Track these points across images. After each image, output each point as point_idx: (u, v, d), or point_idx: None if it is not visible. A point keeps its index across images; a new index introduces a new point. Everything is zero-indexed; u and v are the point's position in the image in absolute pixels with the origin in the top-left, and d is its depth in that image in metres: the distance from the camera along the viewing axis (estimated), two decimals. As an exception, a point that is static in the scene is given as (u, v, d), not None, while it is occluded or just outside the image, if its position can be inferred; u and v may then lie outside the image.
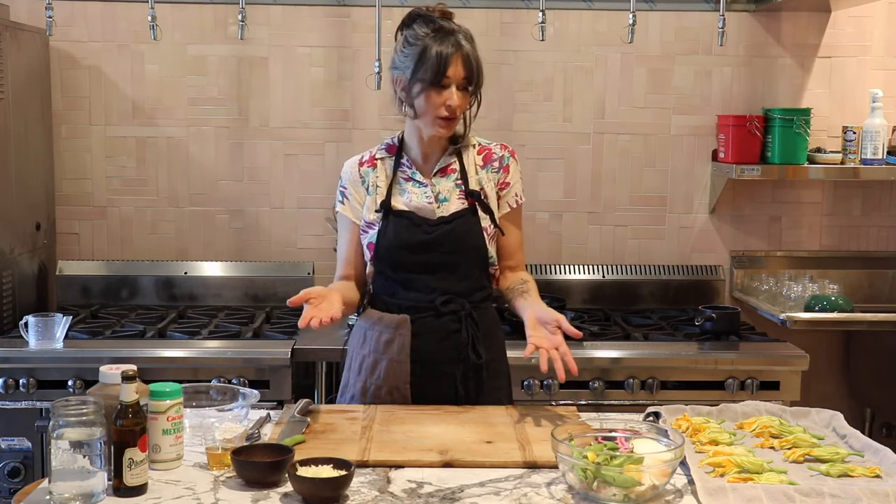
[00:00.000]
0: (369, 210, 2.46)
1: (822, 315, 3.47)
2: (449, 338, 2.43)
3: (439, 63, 2.30)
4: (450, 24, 2.37)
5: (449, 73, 2.31)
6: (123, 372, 1.85)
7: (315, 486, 1.78)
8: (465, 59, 2.33)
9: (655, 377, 3.13)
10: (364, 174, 2.49)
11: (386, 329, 2.42)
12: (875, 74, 3.87)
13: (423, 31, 2.35)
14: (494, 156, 2.50)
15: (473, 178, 2.47)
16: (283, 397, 3.03)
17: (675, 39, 3.83)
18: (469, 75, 2.35)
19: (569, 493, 1.84)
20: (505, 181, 2.49)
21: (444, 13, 2.40)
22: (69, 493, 1.76)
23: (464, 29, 2.38)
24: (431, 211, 2.43)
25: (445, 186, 2.46)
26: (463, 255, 2.44)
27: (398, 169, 2.47)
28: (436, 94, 2.33)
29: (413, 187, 2.45)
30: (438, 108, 2.34)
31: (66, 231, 3.83)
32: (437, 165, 2.47)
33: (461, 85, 2.34)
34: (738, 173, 3.62)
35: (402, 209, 2.43)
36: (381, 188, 2.46)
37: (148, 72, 3.78)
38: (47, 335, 3.08)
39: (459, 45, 2.33)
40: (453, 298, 2.42)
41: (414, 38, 2.35)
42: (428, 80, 2.32)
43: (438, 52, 2.31)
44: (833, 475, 1.92)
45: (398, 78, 2.39)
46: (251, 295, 3.78)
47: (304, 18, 3.78)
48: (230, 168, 3.83)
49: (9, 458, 3.08)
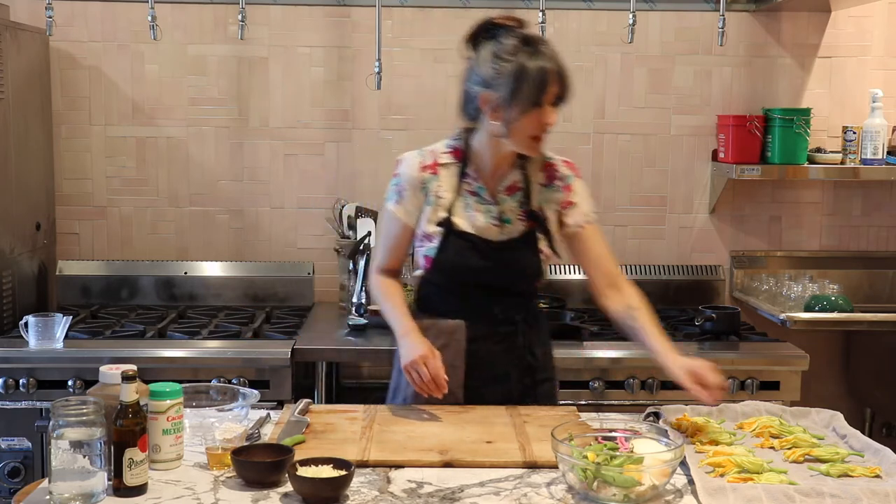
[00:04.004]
0: (429, 222, 2.39)
1: (822, 315, 3.47)
2: (504, 342, 2.44)
3: (541, 82, 2.22)
4: (536, 36, 2.27)
5: (549, 92, 2.24)
6: (123, 372, 1.86)
7: (315, 486, 1.78)
8: (560, 74, 2.25)
9: (655, 377, 3.13)
10: (426, 181, 2.40)
11: (440, 335, 2.40)
12: (875, 74, 3.87)
13: (511, 42, 2.25)
14: (558, 174, 2.43)
15: (535, 197, 2.42)
16: (283, 397, 3.03)
17: (675, 39, 3.83)
18: (563, 91, 2.27)
19: (569, 493, 1.84)
20: (568, 200, 2.43)
21: (519, 23, 2.31)
22: (69, 493, 1.76)
23: (544, 38, 2.29)
24: (495, 233, 2.38)
25: (509, 206, 2.40)
26: (519, 278, 2.44)
27: (462, 181, 2.39)
28: (535, 115, 2.25)
29: (478, 204, 2.39)
30: (536, 129, 2.27)
31: (66, 231, 3.83)
32: (504, 182, 2.40)
33: (554, 101, 2.27)
34: (738, 173, 3.62)
35: (464, 230, 2.37)
36: (443, 200, 2.38)
37: (148, 72, 3.78)
38: (47, 335, 3.07)
39: (554, 59, 2.25)
40: (508, 307, 2.43)
41: (507, 54, 2.24)
42: (530, 102, 2.23)
43: (539, 71, 2.22)
44: (833, 475, 1.92)
45: (488, 96, 2.27)
46: (251, 295, 3.78)
47: (304, 18, 3.78)
48: (230, 168, 3.83)
49: (9, 458, 3.08)
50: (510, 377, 2.44)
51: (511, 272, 2.41)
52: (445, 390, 2.29)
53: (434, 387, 2.27)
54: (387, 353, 3.22)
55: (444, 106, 3.81)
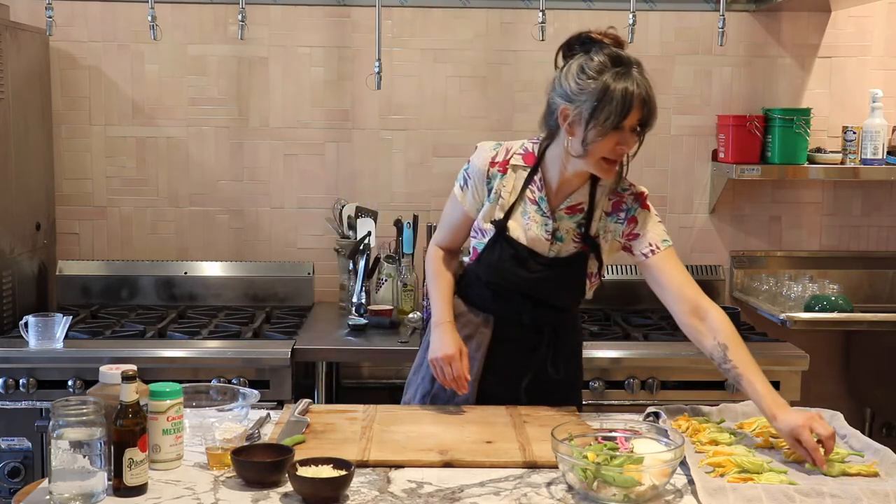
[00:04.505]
0: (485, 217, 2.38)
1: (822, 315, 3.47)
2: (526, 350, 2.43)
3: (624, 106, 2.14)
4: (628, 57, 2.21)
5: (630, 117, 2.17)
6: (123, 372, 1.86)
7: (315, 486, 1.78)
8: (645, 101, 2.18)
9: (655, 377, 3.13)
10: (492, 176, 2.36)
11: (468, 324, 2.43)
12: (875, 74, 3.87)
13: (600, 59, 2.18)
14: (623, 206, 2.36)
15: (596, 223, 2.36)
16: (283, 397, 3.03)
17: (675, 39, 3.83)
18: (645, 119, 2.20)
19: (569, 493, 1.84)
20: (632, 233, 2.34)
21: (616, 41, 2.24)
22: (69, 493, 1.76)
23: (637, 61, 2.21)
24: (545, 247, 2.35)
25: (567, 226, 2.35)
26: (561, 294, 2.42)
27: (527, 186, 2.35)
28: (613, 138, 2.18)
29: (535, 214, 2.35)
30: (610, 152, 2.21)
31: (66, 231, 3.83)
32: (568, 202, 2.34)
33: (634, 128, 2.20)
34: (738, 173, 3.62)
35: (515, 238, 2.35)
36: (503, 201, 2.36)
37: (148, 72, 3.78)
38: (47, 335, 3.07)
39: (642, 84, 2.17)
40: (539, 317, 2.41)
41: (594, 71, 2.17)
42: (610, 125, 2.16)
43: (623, 94, 2.14)
44: (832, 475, 1.92)
45: (567, 110, 2.21)
46: (251, 295, 3.78)
47: (304, 18, 3.78)
48: (230, 168, 3.83)
49: (9, 458, 3.08)
50: (520, 385, 2.43)
51: (551, 289, 2.39)
52: (467, 390, 2.34)
53: (456, 385, 2.35)
54: (387, 353, 3.23)
55: (443, 106, 3.82)
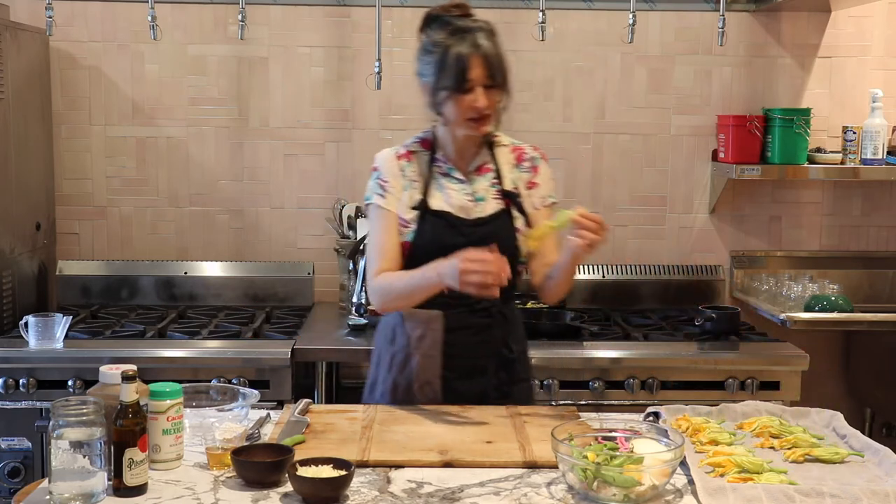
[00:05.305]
0: (405, 207, 2.42)
1: (822, 315, 3.47)
2: (481, 333, 2.43)
3: (459, 68, 2.28)
4: (466, 23, 2.33)
5: (471, 76, 2.28)
6: (123, 372, 1.85)
7: (315, 486, 1.78)
8: (484, 58, 2.29)
9: (655, 377, 3.13)
10: (403, 167, 2.45)
11: (418, 325, 2.42)
12: (875, 74, 3.87)
13: (439, 35, 2.32)
14: (526, 156, 2.50)
15: (508, 177, 2.47)
16: (283, 397, 3.03)
17: (675, 39, 3.83)
18: (491, 73, 2.30)
19: (569, 493, 1.84)
20: (533, 181, 2.48)
21: (461, 9, 2.37)
22: (69, 493, 1.76)
23: (483, 24, 2.34)
24: (470, 210, 2.42)
25: (482, 185, 2.45)
26: None
27: (433, 164, 2.45)
28: (461, 99, 2.30)
29: (451, 184, 2.44)
30: (467, 111, 2.31)
31: (66, 231, 3.83)
32: (474, 163, 2.45)
33: (485, 84, 2.30)
34: (738, 173, 3.62)
35: (438, 209, 2.40)
36: (416, 185, 2.43)
37: (148, 72, 3.78)
38: (47, 335, 3.07)
39: (477, 44, 2.29)
40: None
41: (431, 45, 2.33)
42: (451, 87, 2.29)
43: (457, 57, 2.28)
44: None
45: (424, 85, 2.38)
46: (251, 295, 3.78)
47: (304, 18, 3.78)
48: (230, 168, 3.83)
49: (9, 458, 3.08)
50: (486, 371, 2.44)
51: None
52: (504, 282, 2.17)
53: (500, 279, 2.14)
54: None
55: (444, 106, 3.81)
